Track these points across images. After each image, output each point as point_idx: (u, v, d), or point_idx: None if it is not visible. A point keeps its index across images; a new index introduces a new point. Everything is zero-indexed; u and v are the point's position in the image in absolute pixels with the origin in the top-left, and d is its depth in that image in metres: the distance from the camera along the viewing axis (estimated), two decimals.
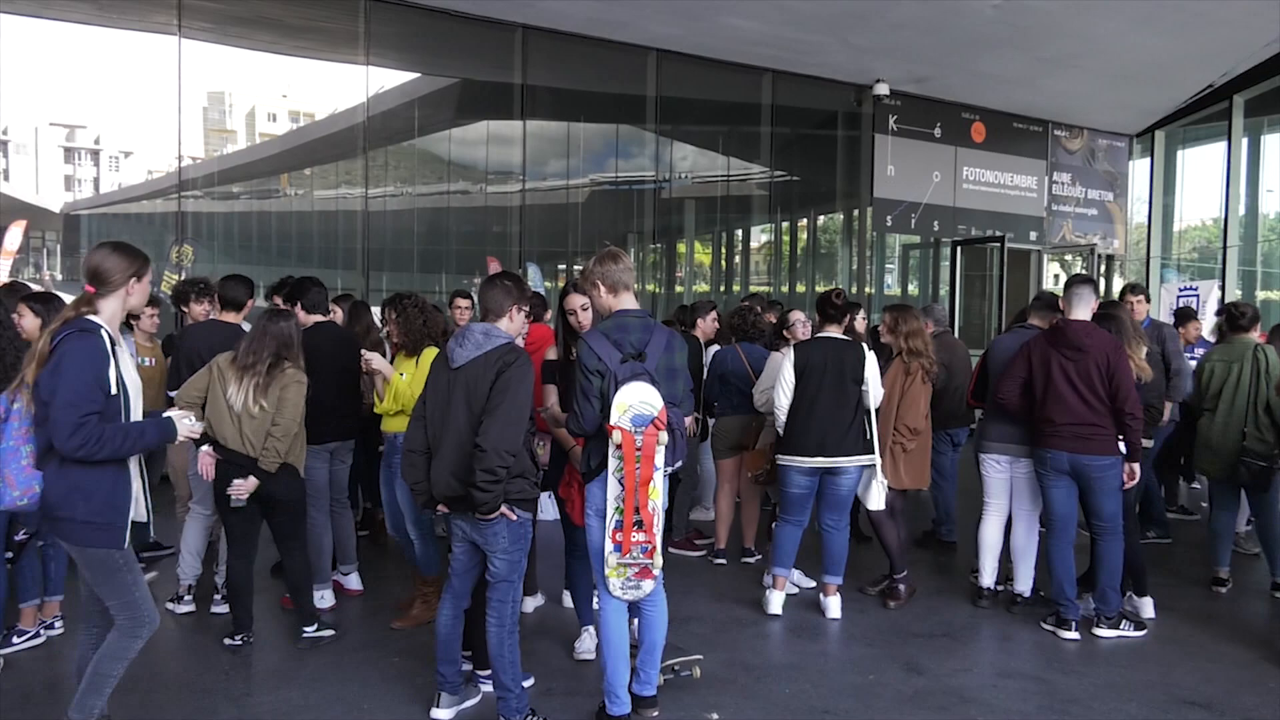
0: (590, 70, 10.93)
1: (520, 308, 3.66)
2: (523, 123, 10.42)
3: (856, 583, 5.58)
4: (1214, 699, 4.10)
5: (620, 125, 11.90)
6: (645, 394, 3.45)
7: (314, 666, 4.31)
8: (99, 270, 3.08)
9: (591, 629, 4.43)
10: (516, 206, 10.59)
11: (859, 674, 4.34)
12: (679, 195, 12.34)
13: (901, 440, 5.26)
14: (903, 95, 12.43)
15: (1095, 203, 14.82)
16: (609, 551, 3.53)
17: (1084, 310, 4.83)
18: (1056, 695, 4.14)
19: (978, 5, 9.36)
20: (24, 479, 3.05)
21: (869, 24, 10.03)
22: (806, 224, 14.22)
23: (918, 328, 5.37)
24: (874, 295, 13.04)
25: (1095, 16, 9.72)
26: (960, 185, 13.29)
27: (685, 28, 10.15)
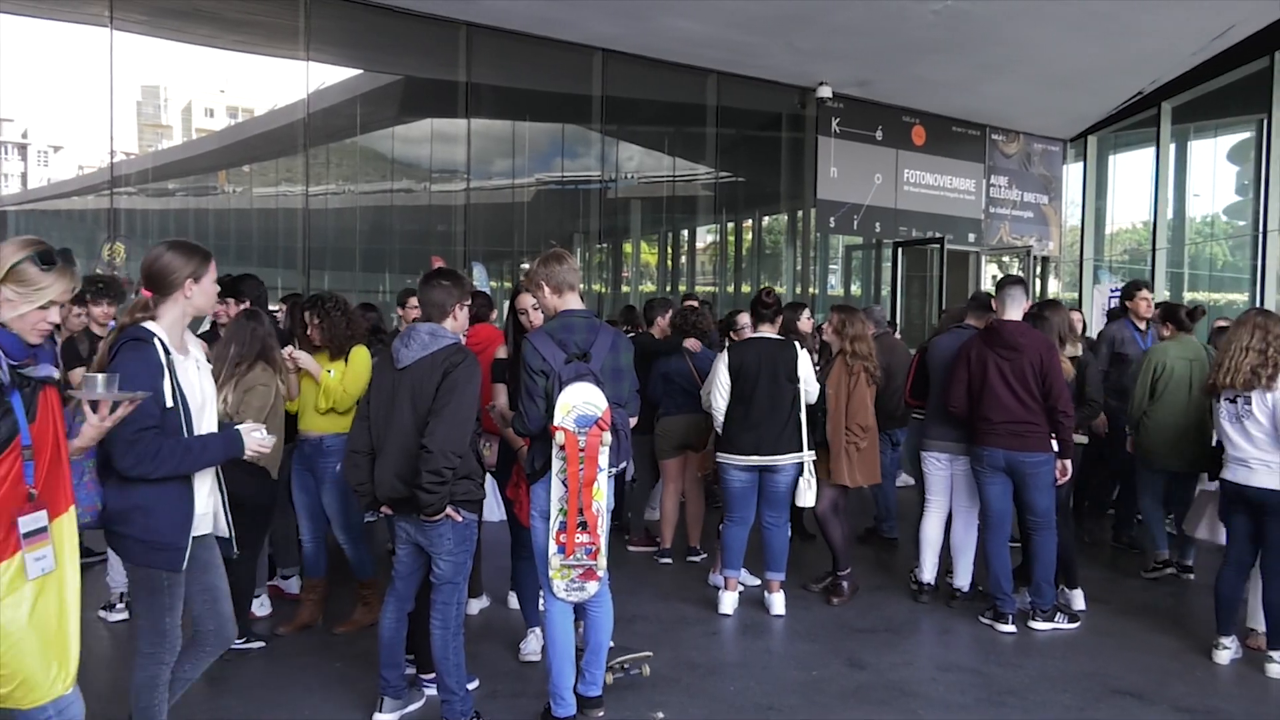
0: (535, 69, 10.89)
1: (462, 305, 3.64)
2: (467, 121, 10.34)
3: (801, 579, 5.65)
4: (1144, 688, 4.23)
5: (566, 125, 11.86)
6: (589, 394, 3.45)
7: (252, 673, 4.24)
8: (153, 272, 2.85)
9: (537, 630, 4.42)
10: (461, 205, 10.50)
11: (802, 670, 4.39)
12: (625, 195, 12.35)
13: (855, 440, 5.33)
14: (845, 98, 12.60)
15: (1031, 205, 15.18)
16: (552, 553, 3.52)
17: (1016, 310, 4.96)
18: (994, 687, 4.24)
19: (918, 11, 9.52)
20: (86, 495, 2.81)
21: (811, 27, 10.14)
22: (751, 225, 14.32)
23: (863, 331, 5.45)
24: (818, 295, 13.19)
25: (1030, 24, 9.95)
26: (901, 187, 13.51)
27: (630, 28, 10.16)
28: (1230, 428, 4.41)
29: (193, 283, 2.87)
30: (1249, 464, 4.35)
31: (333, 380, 4.54)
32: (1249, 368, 4.29)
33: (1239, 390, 4.34)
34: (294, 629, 4.71)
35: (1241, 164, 14.33)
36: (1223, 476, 4.54)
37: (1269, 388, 4.25)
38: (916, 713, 3.96)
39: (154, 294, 2.86)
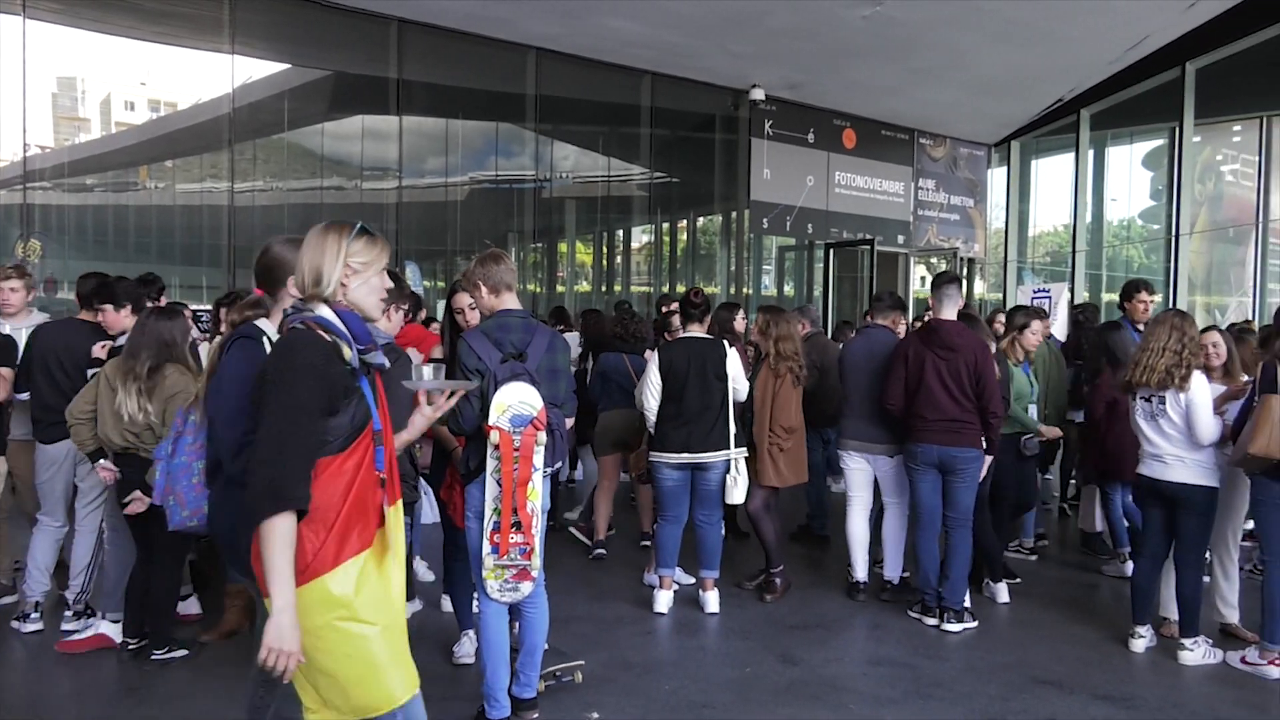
0: (468, 67, 10.79)
1: (398, 307, 3.59)
2: (399, 118, 10.21)
3: (734, 577, 5.70)
4: (1065, 677, 4.37)
5: (500, 123, 11.79)
6: (525, 394, 3.43)
7: (175, 682, 4.12)
8: (263, 268, 2.73)
9: (471, 633, 4.38)
10: (393, 204, 10.36)
11: (736, 667, 4.43)
12: (560, 195, 12.32)
13: (778, 441, 5.40)
14: (778, 101, 12.75)
15: (957, 208, 15.55)
16: (486, 553, 3.49)
17: (951, 309, 5.06)
18: (922, 680, 4.33)
19: (848, 16, 9.68)
20: (194, 498, 2.74)
21: (745, 30, 10.24)
22: (686, 225, 14.41)
23: (789, 332, 5.50)
24: (751, 296, 13.32)
25: (956, 31, 10.20)
26: (833, 189, 13.72)
27: (565, 27, 10.14)
28: (1146, 425, 4.58)
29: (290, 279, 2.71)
30: (1164, 459, 4.52)
31: None
32: (1164, 368, 4.45)
33: (1153, 390, 4.51)
34: (219, 636, 4.59)
35: (1155, 170, 14.90)
36: (1139, 472, 4.71)
37: (1181, 388, 4.42)
38: (847, 707, 4.02)
39: (264, 291, 2.75)
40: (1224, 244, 14.40)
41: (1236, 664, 4.49)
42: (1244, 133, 14.07)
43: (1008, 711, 3.99)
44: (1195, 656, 4.53)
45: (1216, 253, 14.54)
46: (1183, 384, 4.41)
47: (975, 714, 3.97)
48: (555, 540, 6.62)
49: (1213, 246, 14.48)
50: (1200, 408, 4.39)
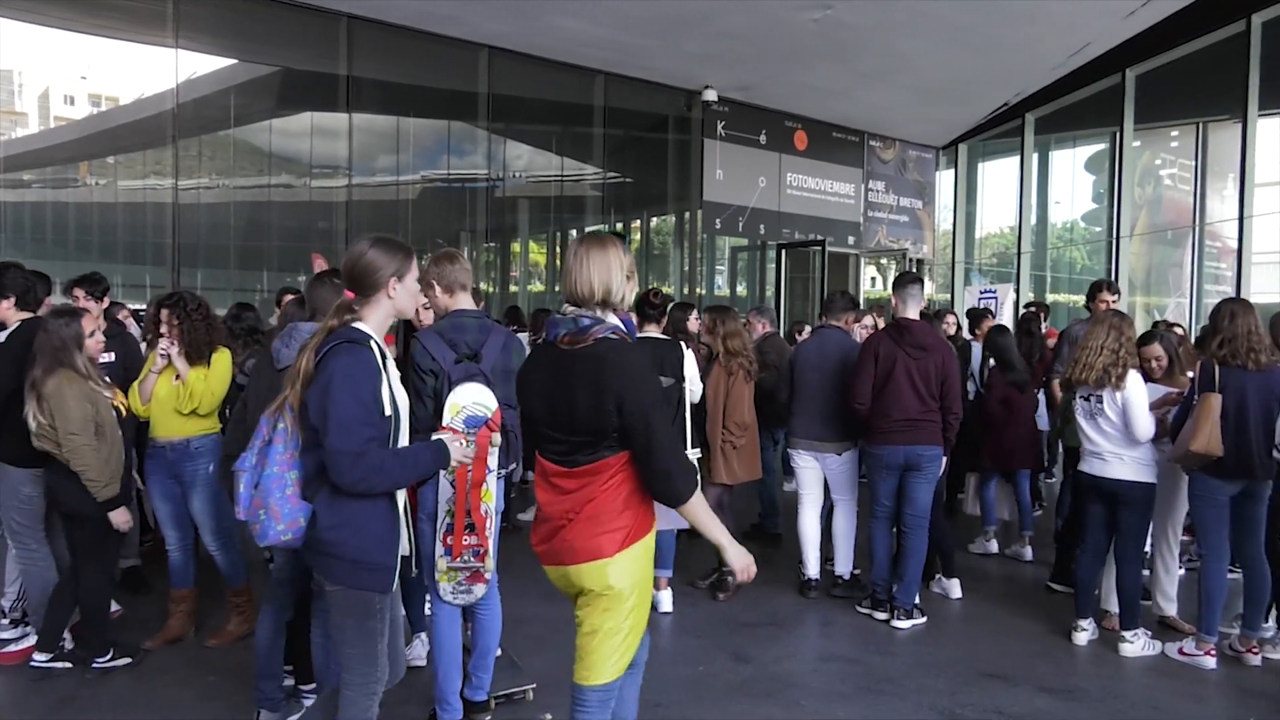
0: (420, 65, 10.69)
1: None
2: (348, 115, 10.08)
3: (687, 576, 5.72)
4: (1011, 670, 4.46)
5: (452, 122, 11.70)
6: (479, 395, 3.41)
7: (117, 690, 4.03)
8: (357, 271, 2.65)
9: (423, 635, 4.34)
10: (343, 202, 10.23)
11: (689, 666, 4.45)
12: (513, 194, 12.26)
13: (731, 439, 5.43)
14: (730, 102, 12.82)
15: (907, 210, 15.77)
16: (439, 555, 3.47)
17: (915, 308, 5.12)
18: (873, 675, 4.39)
19: (799, 19, 9.77)
20: (289, 511, 2.58)
21: (697, 31, 10.28)
22: (640, 225, 14.43)
23: (736, 329, 5.55)
24: (704, 296, 13.38)
25: (904, 35, 10.34)
26: (784, 190, 13.83)
27: (517, 26, 10.09)
28: (1085, 423, 4.69)
29: (396, 281, 2.66)
30: (1103, 456, 4.63)
31: (199, 379, 4.36)
32: (1101, 367, 4.56)
33: (1092, 388, 4.62)
34: (162, 642, 4.49)
35: (1097, 173, 15.25)
36: (1080, 469, 4.82)
37: (1118, 387, 4.53)
38: (799, 703, 4.06)
39: (356, 294, 2.67)
40: (1163, 246, 14.79)
41: (1174, 655, 4.62)
42: (1181, 138, 14.46)
43: (955, 705, 4.06)
44: (1135, 648, 4.66)
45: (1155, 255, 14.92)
46: (1119, 383, 4.53)
47: (924, 708, 4.03)
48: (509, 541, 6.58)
49: (1152, 249, 14.86)
50: (1136, 406, 4.50)
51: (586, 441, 2.62)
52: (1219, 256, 13.28)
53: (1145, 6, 9.91)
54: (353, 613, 2.65)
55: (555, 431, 2.69)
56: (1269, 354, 4.45)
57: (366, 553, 2.60)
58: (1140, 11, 10.07)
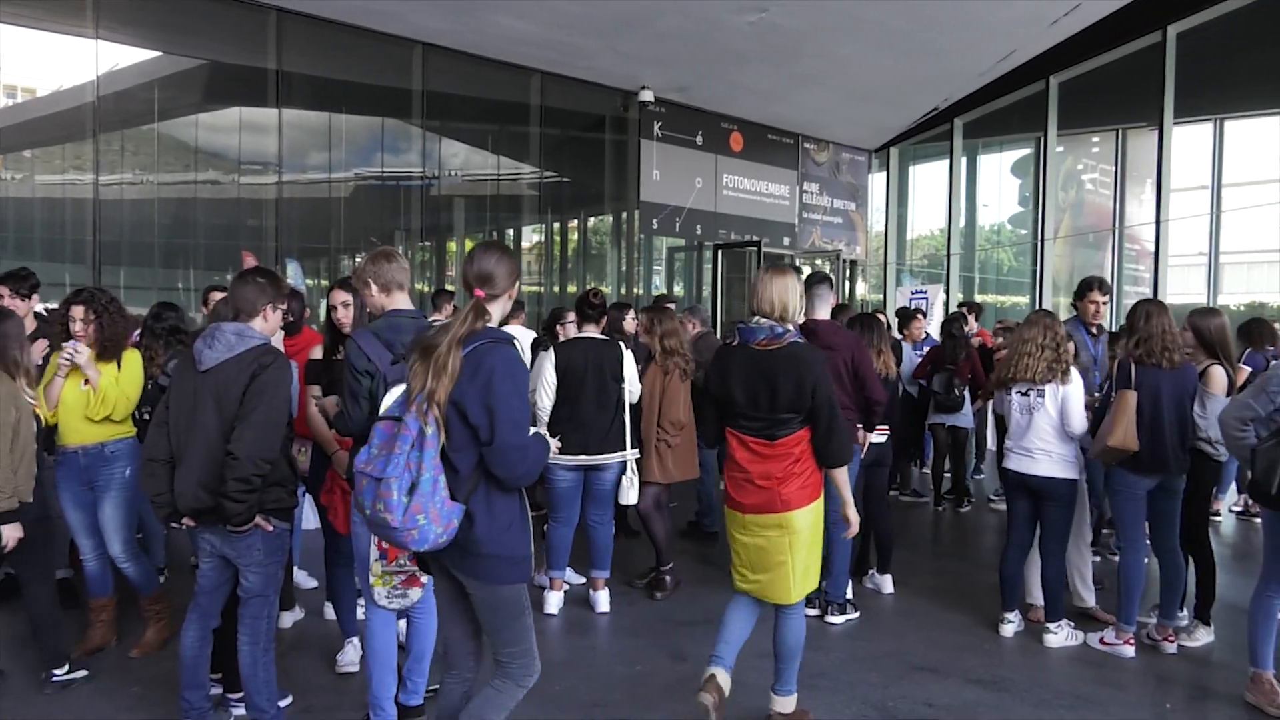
0: (352, 60, 10.51)
1: (276, 306, 3.47)
2: (278, 111, 9.86)
3: (625, 576, 5.73)
4: (941, 663, 4.56)
5: (386, 119, 11.52)
6: None
7: (40, 705, 3.88)
8: (496, 276, 2.76)
9: (355, 640, 4.28)
10: (273, 199, 10.00)
11: (627, 665, 4.46)
12: (448, 193, 12.12)
13: (666, 438, 5.46)
14: (667, 103, 12.87)
15: (840, 212, 16.01)
16: (374, 559, 3.40)
17: (825, 309, 5.20)
18: (807, 670, 4.41)
19: (735, 21, 9.85)
20: (445, 513, 2.54)
21: (635, 32, 10.30)
22: (577, 225, 14.40)
23: (673, 327, 5.58)
24: (642, 296, 13.41)
25: (838, 39, 10.50)
26: (721, 191, 13.93)
27: (452, 23, 9.99)
28: (1021, 418, 4.81)
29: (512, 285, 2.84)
30: (1031, 454, 4.76)
31: (110, 384, 4.20)
32: (1045, 364, 4.71)
33: (1033, 384, 4.75)
34: (84, 653, 4.35)
35: (1023, 177, 15.67)
36: (1005, 465, 4.94)
37: (1064, 381, 4.68)
38: (735, 701, 4.08)
39: (486, 294, 2.74)
40: (1085, 249, 15.25)
41: (1096, 645, 4.78)
42: (1102, 144, 14.94)
43: (888, 698, 4.13)
44: (1058, 639, 4.80)
45: (1078, 257, 15.38)
46: (1064, 377, 4.68)
47: (857, 701, 4.10)
48: None
49: (1074, 251, 15.32)
50: (1075, 400, 4.67)
51: (784, 420, 3.52)
52: (1137, 259, 13.75)
53: (1067, 16, 10.22)
54: (506, 609, 2.73)
55: (755, 412, 3.57)
56: (1182, 353, 4.62)
57: (514, 547, 2.68)
58: (1063, 21, 10.38)
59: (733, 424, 3.65)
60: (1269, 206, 12.39)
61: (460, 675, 2.91)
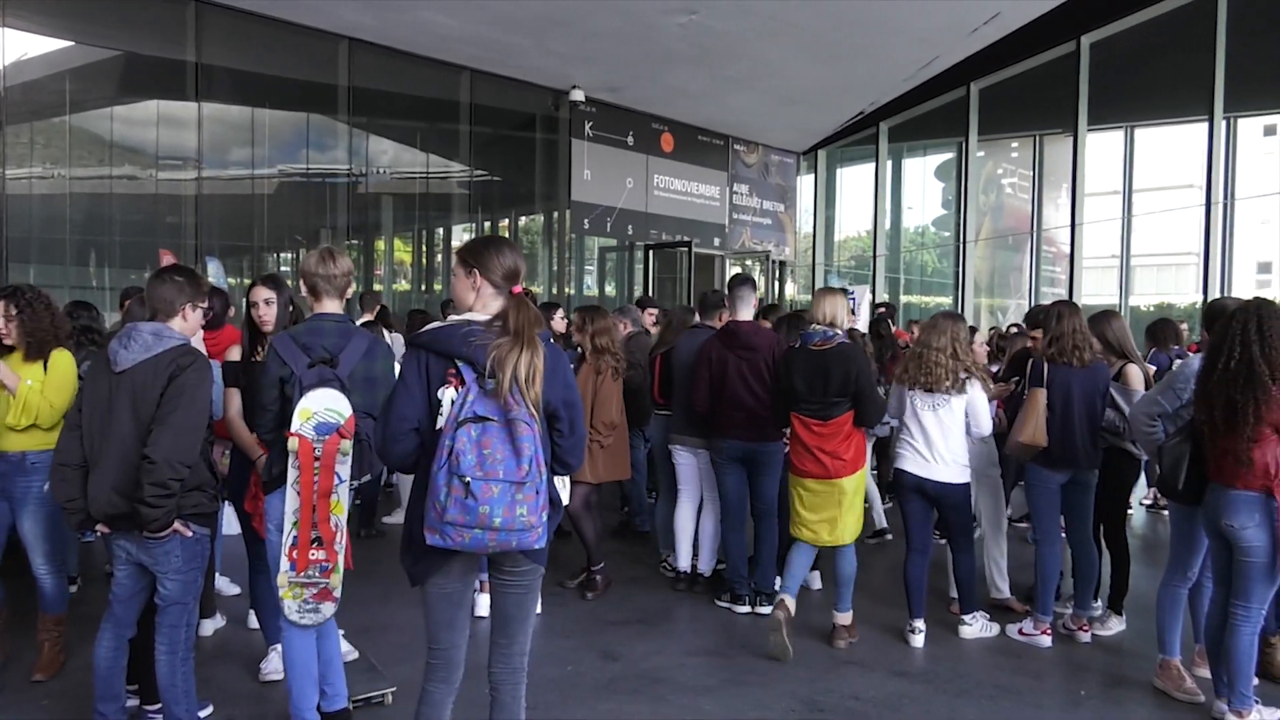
0: (275, 54, 10.27)
1: (195, 305, 3.37)
2: (198, 105, 9.60)
3: (556, 577, 5.71)
4: (866, 657, 4.64)
5: (311, 115, 11.29)
6: (332, 401, 3.30)
7: None
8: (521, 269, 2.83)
9: (279, 648, 4.17)
10: (193, 196, 9.72)
11: (558, 666, 4.44)
12: (376, 191, 11.93)
13: (599, 438, 5.46)
14: (598, 103, 12.87)
15: (770, 213, 16.20)
16: (284, 569, 3.30)
17: (748, 310, 5.25)
18: (737, 667, 4.49)
19: (665, 22, 9.90)
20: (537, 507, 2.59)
21: (565, 31, 10.27)
22: (508, 224, 14.31)
23: (605, 326, 5.59)
24: (573, 296, 13.39)
25: (767, 43, 10.63)
26: (652, 192, 13.99)
27: (378, 18, 9.84)
28: (925, 418, 4.83)
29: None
30: (928, 458, 4.73)
31: (32, 391, 3.94)
32: (944, 371, 4.74)
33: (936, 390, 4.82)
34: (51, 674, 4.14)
35: (946, 181, 16.08)
36: (899, 467, 4.89)
37: (962, 390, 4.74)
38: (666, 699, 4.12)
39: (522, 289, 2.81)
40: (1004, 251, 15.71)
41: (1015, 636, 4.92)
42: (1021, 149, 15.41)
43: (815, 693, 4.20)
44: (973, 630, 4.93)
45: (998, 258, 15.84)
46: (964, 386, 4.72)
47: (786, 697, 4.15)
48: (372, 545, 6.43)
49: (995, 253, 15.77)
50: (981, 403, 4.76)
51: (836, 403, 4.59)
52: (1054, 261, 14.22)
53: (987, 24, 10.52)
54: (536, 590, 2.90)
55: (812, 398, 4.62)
56: (1092, 352, 4.78)
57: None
58: (982, 29, 10.67)
59: (796, 409, 4.68)
60: (1176, 211, 12.92)
61: (453, 686, 2.88)
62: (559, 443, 2.77)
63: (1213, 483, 3.82)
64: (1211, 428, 3.75)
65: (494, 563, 2.77)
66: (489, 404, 2.54)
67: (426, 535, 2.53)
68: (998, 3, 9.97)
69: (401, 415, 2.63)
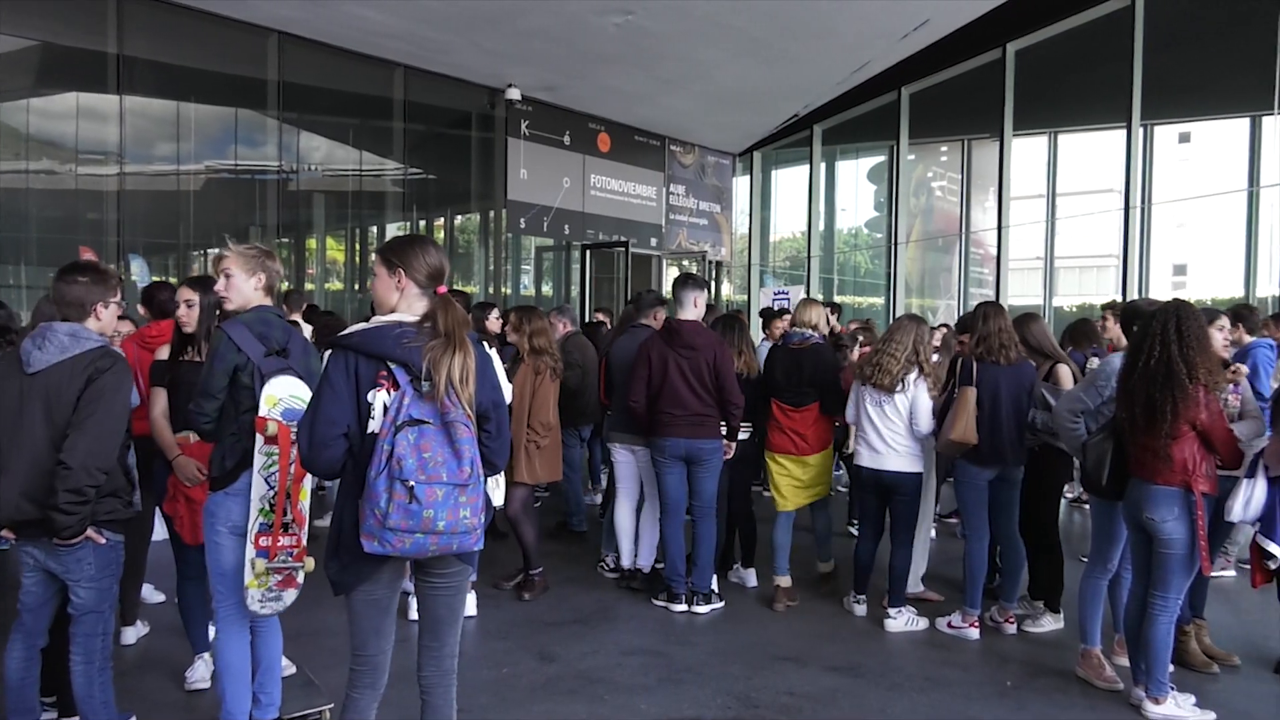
0: (201, 47, 10.00)
1: (106, 303, 3.26)
2: (119, 98, 9.30)
3: (492, 578, 5.67)
4: (801, 653, 4.71)
5: (240, 109, 11.02)
6: (295, 388, 3.25)
7: None
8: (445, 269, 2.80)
9: (206, 656, 4.08)
10: (114, 191, 9.42)
11: (494, 668, 4.42)
12: (308, 188, 11.68)
13: (535, 439, 5.44)
14: (534, 101, 12.81)
15: (706, 214, 16.31)
16: (253, 557, 3.22)
17: (692, 310, 5.30)
18: (673, 665, 4.51)
19: (600, 22, 9.90)
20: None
21: (500, 29, 10.20)
22: (444, 223, 14.15)
23: (541, 326, 5.58)
24: (510, 296, 13.30)
25: (702, 44, 10.70)
26: (588, 192, 13.97)
27: (309, 12, 9.65)
28: (874, 413, 5.01)
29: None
30: (884, 451, 4.98)
31: None
32: (898, 369, 4.92)
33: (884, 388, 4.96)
34: None
35: (878, 183, 16.36)
36: (857, 463, 5.15)
37: (904, 390, 4.91)
38: (602, 699, 4.12)
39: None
40: (934, 252, 16.04)
41: (944, 628, 5.03)
42: (949, 153, 15.75)
43: (751, 689, 4.24)
44: (898, 624, 5.05)
45: (928, 260, 16.17)
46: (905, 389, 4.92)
47: (722, 694, 4.19)
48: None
49: (925, 254, 16.09)
50: (924, 402, 4.93)
51: (808, 393, 5.42)
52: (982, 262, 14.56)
53: (917, 30, 10.74)
54: (466, 590, 2.92)
55: (789, 389, 5.46)
56: (1018, 350, 4.92)
57: None
58: (912, 35, 10.89)
59: (777, 397, 5.51)
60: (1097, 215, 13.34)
61: (379, 692, 2.84)
62: (487, 444, 2.75)
63: (1134, 478, 3.96)
64: (1132, 425, 3.89)
65: (422, 566, 2.74)
66: (424, 407, 2.52)
67: (364, 543, 2.49)
68: (928, 9, 10.19)
69: (330, 419, 2.55)
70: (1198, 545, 3.79)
